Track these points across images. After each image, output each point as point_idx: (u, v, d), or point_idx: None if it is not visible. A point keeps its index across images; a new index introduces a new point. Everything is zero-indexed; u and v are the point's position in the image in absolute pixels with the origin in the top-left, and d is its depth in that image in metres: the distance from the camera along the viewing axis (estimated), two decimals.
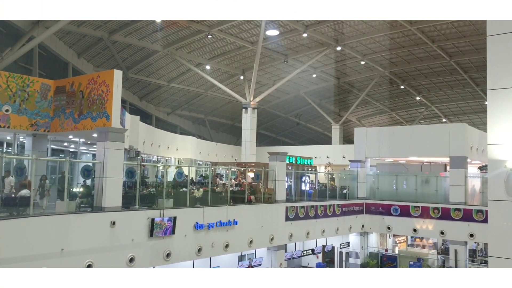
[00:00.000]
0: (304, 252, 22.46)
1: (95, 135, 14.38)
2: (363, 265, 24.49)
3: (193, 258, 15.58)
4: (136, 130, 23.31)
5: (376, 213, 24.49)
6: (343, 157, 33.79)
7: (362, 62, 33.41)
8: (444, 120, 47.36)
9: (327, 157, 35.88)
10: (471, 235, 21.30)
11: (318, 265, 23.86)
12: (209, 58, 31.63)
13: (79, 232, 11.79)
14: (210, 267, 17.30)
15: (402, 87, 39.64)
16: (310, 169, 24.59)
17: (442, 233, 22.37)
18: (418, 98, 42.83)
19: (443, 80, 38.48)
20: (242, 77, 34.19)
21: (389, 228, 24.14)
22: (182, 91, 37.18)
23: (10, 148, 18.82)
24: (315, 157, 31.21)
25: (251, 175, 20.46)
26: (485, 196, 20.55)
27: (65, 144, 21.09)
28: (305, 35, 27.84)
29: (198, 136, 39.12)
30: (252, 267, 20.34)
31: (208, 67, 32.41)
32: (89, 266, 11.76)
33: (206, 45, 29.41)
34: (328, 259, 25.74)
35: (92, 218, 12.31)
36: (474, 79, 36.63)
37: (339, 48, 30.41)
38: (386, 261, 24.35)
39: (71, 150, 22.58)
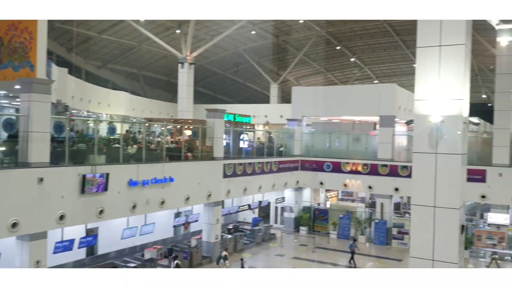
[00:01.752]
0: (241, 207, 22.95)
1: (17, 86, 13.30)
2: (297, 219, 25.58)
3: (127, 215, 15.40)
4: (64, 84, 21.94)
5: (310, 170, 25.42)
6: (281, 116, 34.23)
7: (301, 21, 33.43)
8: (375, 81, 49.24)
9: (265, 116, 36.28)
10: (396, 189, 22.88)
11: (254, 220, 24.56)
12: None
13: (3, 188, 11.12)
14: (145, 224, 17.19)
15: (338, 47, 40.40)
16: (248, 127, 24.75)
17: (370, 187, 23.79)
18: (352, 59, 43.97)
19: (377, 42, 39.67)
20: (178, 31, 32.94)
21: (321, 183, 25.24)
22: (114, 43, 35.21)
23: None
24: (254, 116, 31.38)
25: (188, 132, 20.19)
26: (410, 153, 21.97)
27: None
28: None
29: (131, 92, 37.56)
30: (188, 223, 20.51)
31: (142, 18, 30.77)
32: (14, 225, 11.21)
33: None
34: (264, 214, 26.59)
35: (17, 174, 11.61)
36: (405, 41, 38.11)
37: None
38: (318, 214, 25.62)
39: None
